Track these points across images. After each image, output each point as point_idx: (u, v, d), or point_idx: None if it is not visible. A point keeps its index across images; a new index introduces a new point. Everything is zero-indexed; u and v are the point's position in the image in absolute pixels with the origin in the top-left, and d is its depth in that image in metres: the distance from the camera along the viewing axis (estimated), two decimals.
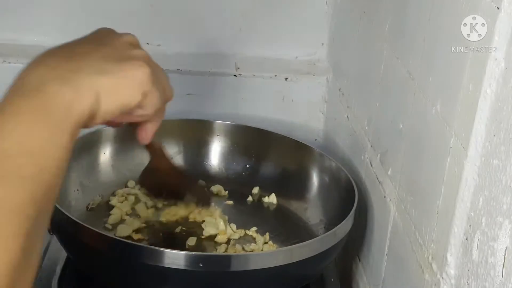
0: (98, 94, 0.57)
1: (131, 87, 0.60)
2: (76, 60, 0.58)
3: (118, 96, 0.59)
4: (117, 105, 0.59)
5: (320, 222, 1.04)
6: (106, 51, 0.61)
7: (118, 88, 0.59)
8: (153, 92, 0.62)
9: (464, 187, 0.66)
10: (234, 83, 1.25)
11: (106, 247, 0.84)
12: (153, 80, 0.62)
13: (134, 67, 0.61)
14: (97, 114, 0.58)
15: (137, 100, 0.61)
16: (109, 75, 0.59)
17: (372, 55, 1.00)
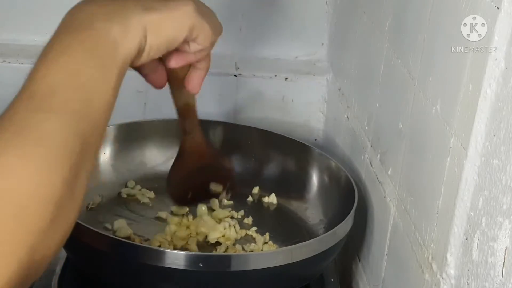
0: (145, 29, 0.58)
1: (177, 21, 0.62)
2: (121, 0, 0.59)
3: (164, 30, 0.61)
4: (164, 39, 0.61)
5: (320, 222, 1.04)
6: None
7: (164, 23, 0.61)
8: (201, 23, 0.64)
9: (464, 187, 0.66)
10: (234, 83, 1.25)
11: (106, 247, 0.84)
12: (198, 13, 0.63)
13: (178, 3, 0.62)
14: (145, 49, 0.59)
15: (184, 33, 0.62)
16: (155, 11, 0.60)
17: (372, 55, 1.00)
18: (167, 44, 0.62)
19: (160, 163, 1.13)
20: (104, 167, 1.08)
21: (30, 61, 1.27)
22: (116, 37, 0.56)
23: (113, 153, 1.09)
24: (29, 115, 0.51)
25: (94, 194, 1.04)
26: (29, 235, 0.49)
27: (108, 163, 1.09)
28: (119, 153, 1.10)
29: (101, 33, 0.56)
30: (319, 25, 1.27)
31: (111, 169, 1.08)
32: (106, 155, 1.09)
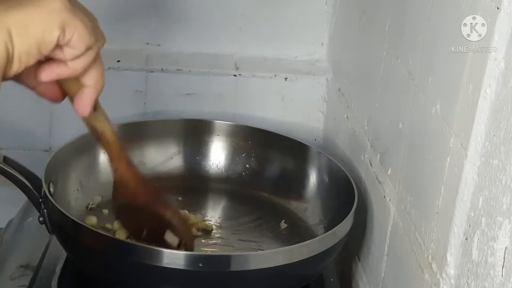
0: (9, 30, 0.53)
1: (45, 18, 0.55)
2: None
3: (32, 30, 0.54)
4: (33, 39, 0.54)
5: (320, 222, 1.04)
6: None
7: (31, 21, 0.54)
8: (73, 21, 0.56)
9: (464, 187, 0.66)
10: (233, 83, 1.25)
11: (106, 247, 0.84)
12: (70, 9, 0.56)
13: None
14: (14, 55, 0.54)
15: (54, 33, 0.55)
16: (19, 9, 0.54)
17: (372, 55, 1.00)
18: (37, 47, 0.55)
19: (160, 163, 1.13)
20: (104, 167, 1.08)
21: None
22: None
23: None
24: None
25: (94, 194, 1.04)
26: None
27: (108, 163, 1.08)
28: None
29: None
30: (319, 25, 1.27)
31: (111, 169, 1.08)
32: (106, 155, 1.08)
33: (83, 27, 0.57)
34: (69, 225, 0.86)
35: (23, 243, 1.00)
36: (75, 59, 0.59)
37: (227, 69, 1.25)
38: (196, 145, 1.15)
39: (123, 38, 1.24)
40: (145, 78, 1.23)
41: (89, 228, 0.85)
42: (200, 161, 1.15)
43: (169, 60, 1.24)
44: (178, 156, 1.15)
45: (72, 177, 1.02)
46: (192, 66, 1.24)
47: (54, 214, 0.88)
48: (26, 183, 0.90)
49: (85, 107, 0.63)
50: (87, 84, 0.62)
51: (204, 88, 1.25)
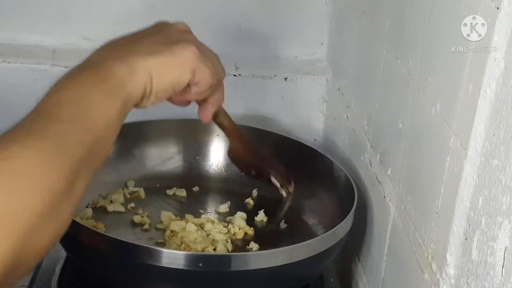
0: (150, 73, 0.64)
1: (180, 66, 0.67)
2: (133, 44, 0.66)
3: (168, 74, 0.66)
4: (169, 82, 0.66)
5: (320, 222, 1.04)
6: (158, 37, 0.68)
7: (168, 67, 0.66)
8: (202, 68, 0.69)
9: (464, 187, 0.66)
10: (233, 83, 1.25)
11: (106, 247, 0.84)
12: (200, 58, 0.68)
13: (181, 47, 0.67)
14: (152, 92, 0.65)
15: (187, 77, 0.68)
16: (160, 56, 0.66)
17: (372, 55, 1.00)
18: (172, 87, 0.67)
19: (160, 163, 1.13)
20: (104, 167, 1.08)
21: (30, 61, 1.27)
22: (123, 77, 0.62)
23: (113, 153, 1.09)
24: (37, 120, 0.56)
25: (94, 194, 1.04)
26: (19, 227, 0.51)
27: (108, 163, 1.08)
28: (119, 153, 1.09)
29: (110, 71, 0.62)
30: (319, 25, 1.27)
31: (111, 169, 1.08)
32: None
33: (209, 72, 0.70)
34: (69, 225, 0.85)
35: None
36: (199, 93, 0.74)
37: (226, 69, 1.24)
38: (196, 145, 1.15)
39: None
40: None
41: (89, 228, 0.85)
42: (200, 161, 1.15)
43: None
44: (178, 156, 1.15)
45: None
46: None
47: None
48: None
49: (206, 117, 0.81)
50: (209, 101, 0.79)
51: None
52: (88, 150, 0.57)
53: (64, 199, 0.54)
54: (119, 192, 1.06)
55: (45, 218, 0.52)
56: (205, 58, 0.70)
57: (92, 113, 0.59)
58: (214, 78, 0.72)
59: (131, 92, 0.63)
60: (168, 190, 1.09)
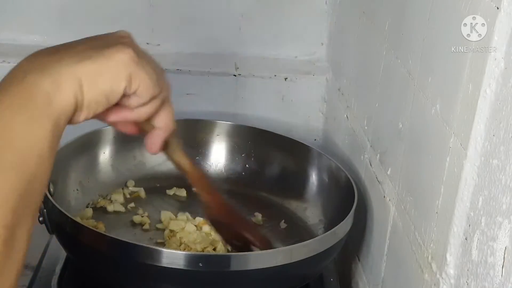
0: (79, 81, 0.55)
1: (113, 70, 0.58)
2: (59, 52, 0.57)
3: (100, 82, 0.57)
4: (101, 91, 0.57)
5: (320, 222, 1.04)
6: (91, 42, 0.60)
7: (100, 73, 0.57)
8: (139, 73, 0.59)
9: (464, 187, 0.66)
10: (233, 83, 1.25)
11: (106, 247, 0.84)
12: (137, 62, 0.59)
13: (115, 50, 0.58)
14: (83, 104, 0.56)
15: (122, 84, 0.58)
16: (89, 61, 0.57)
17: (372, 55, 1.00)
18: (105, 97, 0.58)
19: (160, 163, 1.13)
20: (104, 167, 1.08)
21: None
22: (48, 91, 0.54)
23: (113, 153, 1.09)
24: None
25: (94, 194, 1.04)
26: None
27: (108, 163, 1.09)
28: (119, 153, 1.10)
29: (32, 86, 0.54)
30: (319, 25, 1.27)
31: (111, 169, 1.08)
32: (106, 155, 1.09)
33: (148, 79, 0.60)
34: (69, 225, 0.86)
35: None
36: (140, 106, 0.62)
37: (227, 69, 1.25)
38: (196, 145, 1.15)
39: None
40: None
41: (89, 228, 0.85)
42: (200, 161, 1.15)
43: (169, 60, 1.24)
44: None
45: (72, 177, 1.02)
46: (192, 66, 1.24)
47: (54, 214, 0.88)
48: None
49: (154, 146, 0.68)
50: (156, 125, 0.66)
51: (204, 88, 1.25)
52: (22, 193, 0.51)
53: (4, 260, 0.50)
54: (119, 192, 1.06)
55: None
56: (144, 62, 0.60)
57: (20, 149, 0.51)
58: (156, 87, 0.61)
59: (60, 108, 0.54)
60: (168, 190, 1.10)
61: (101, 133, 1.08)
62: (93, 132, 1.05)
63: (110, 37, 0.62)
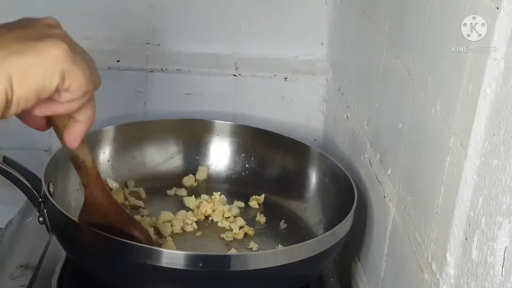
0: (9, 76, 0.54)
1: (45, 66, 0.55)
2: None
3: (31, 78, 0.55)
4: (32, 88, 0.55)
5: (320, 222, 1.04)
6: (21, 32, 0.57)
7: (31, 68, 0.55)
8: (74, 70, 0.57)
9: (464, 187, 0.66)
10: (233, 83, 1.25)
11: (106, 247, 0.84)
12: (71, 58, 0.57)
13: (48, 45, 0.56)
14: (13, 100, 0.54)
15: (54, 81, 0.56)
16: (20, 55, 0.54)
17: (372, 55, 1.00)
18: (36, 93, 0.56)
19: (160, 163, 1.13)
20: (104, 167, 1.08)
21: None
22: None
23: (113, 153, 1.09)
24: None
25: None
26: None
27: (108, 163, 1.09)
28: (119, 153, 1.10)
29: None
30: (319, 25, 1.27)
31: (110, 169, 1.08)
32: (105, 155, 1.09)
33: (82, 75, 0.58)
34: (69, 225, 0.86)
35: (23, 243, 1.00)
36: (71, 101, 0.60)
37: (227, 69, 1.25)
38: (196, 145, 1.15)
39: (123, 38, 1.24)
40: (145, 78, 1.23)
41: (89, 228, 0.85)
42: (200, 161, 1.15)
43: (169, 60, 1.24)
44: (178, 156, 1.15)
45: (72, 177, 1.02)
46: (192, 66, 1.24)
47: (54, 214, 0.88)
48: (26, 183, 0.90)
49: (75, 141, 0.65)
50: (79, 119, 0.64)
51: (204, 88, 1.25)
52: None
53: None
54: (119, 192, 1.06)
55: None
56: (78, 57, 0.58)
57: None
58: (89, 83, 0.59)
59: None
60: (168, 190, 1.10)
61: (101, 133, 1.08)
62: (92, 132, 1.05)
63: (40, 26, 0.59)
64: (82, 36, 1.23)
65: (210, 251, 0.96)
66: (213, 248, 0.97)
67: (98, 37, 1.23)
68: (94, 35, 1.23)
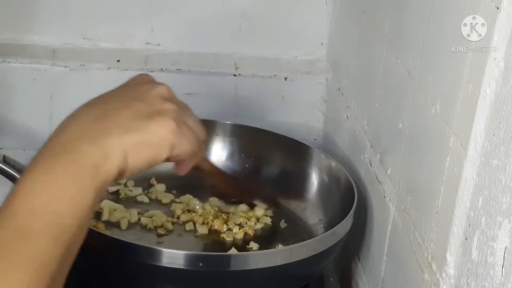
0: (125, 153, 0.60)
1: (157, 143, 0.62)
2: (107, 119, 0.61)
3: (144, 154, 0.62)
4: (145, 160, 0.62)
5: (320, 222, 1.04)
6: (136, 107, 0.63)
7: (145, 145, 0.62)
8: (181, 143, 0.64)
9: (464, 187, 0.66)
10: (233, 83, 1.25)
11: (106, 247, 0.84)
12: (179, 132, 0.64)
13: (159, 124, 0.63)
14: (126, 171, 0.61)
15: (164, 154, 0.63)
16: (136, 133, 0.61)
17: (372, 55, 1.00)
18: (148, 165, 0.63)
19: None
20: None
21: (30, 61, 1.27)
22: (97, 161, 0.58)
23: None
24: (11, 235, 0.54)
25: None
26: None
27: None
28: None
29: (83, 157, 0.58)
30: (318, 24, 1.27)
31: None
32: None
33: (188, 144, 0.66)
34: None
35: None
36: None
37: (227, 69, 1.25)
38: None
39: (123, 38, 1.24)
40: None
41: (89, 228, 0.85)
42: None
43: (169, 60, 1.24)
44: None
45: None
46: (192, 66, 1.24)
47: None
48: None
49: (184, 171, 0.73)
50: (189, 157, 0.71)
51: (204, 88, 1.25)
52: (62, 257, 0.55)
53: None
54: None
55: None
56: (185, 130, 0.65)
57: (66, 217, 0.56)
58: (196, 147, 0.67)
59: (105, 178, 0.59)
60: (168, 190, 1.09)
61: None
62: None
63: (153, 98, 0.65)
64: (83, 36, 1.24)
65: (210, 251, 0.96)
66: (213, 248, 0.97)
67: (98, 37, 1.23)
68: (94, 35, 1.23)
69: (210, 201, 1.07)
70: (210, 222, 1.01)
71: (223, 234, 1.00)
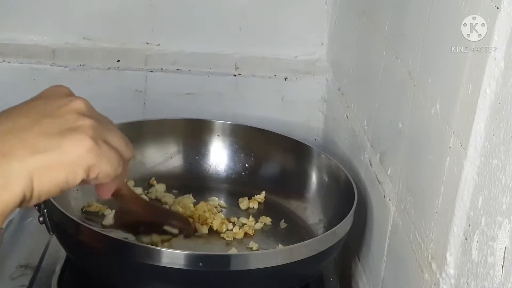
0: (30, 176, 0.53)
1: (70, 165, 0.55)
2: (10, 139, 0.54)
3: (55, 176, 0.55)
4: (55, 184, 0.55)
5: (320, 222, 1.04)
6: (46, 123, 0.56)
7: (55, 167, 0.54)
8: (99, 164, 0.57)
9: (464, 186, 0.66)
10: (233, 83, 1.25)
11: (106, 247, 0.84)
12: (97, 152, 0.57)
13: (73, 142, 0.55)
14: (32, 196, 0.55)
15: (79, 176, 0.56)
16: (44, 154, 0.54)
17: (372, 54, 1.00)
18: (59, 188, 0.56)
19: (160, 162, 1.13)
20: None
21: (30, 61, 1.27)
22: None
23: None
24: None
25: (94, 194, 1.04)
26: None
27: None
28: None
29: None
30: (318, 24, 1.27)
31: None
32: None
33: (107, 165, 0.58)
34: (69, 225, 0.86)
35: (23, 243, 1.00)
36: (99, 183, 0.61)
37: (226, 69, 1.25)
38: (196, 145, 1.15)
39: (123, 38, 1.24)
40: (145, 78, 1.23)
41: (89, 228, 0.85)
42: (200, 160, 1.15)
43: (169, 60, 1.24)
44: (178, 156, 1.15)
45: None
46: (192, 66, 1.24)
47: (54, 214, 0.88)
48: None
49: (106, 194, 0.66)
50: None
51: (204, 88, 1.25)
52: None
53: None
54: None
55: None
56: (105, 149, 0.58)
57: None
58: (118, 169, 0.60)
59: (8, 204, 0.53)
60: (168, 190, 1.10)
61: None
62: None
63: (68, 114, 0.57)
64: (83, 36, 1.24)
65: (210, 251, 0.96)
66: (213, 248, 0.97)
67: (98, 37, 1.23)
68: (94, 35, 1.23)
69: (210, 201, 1.07)
70: (210, 222, 1.01)
71: (223, 234, 1.00)
